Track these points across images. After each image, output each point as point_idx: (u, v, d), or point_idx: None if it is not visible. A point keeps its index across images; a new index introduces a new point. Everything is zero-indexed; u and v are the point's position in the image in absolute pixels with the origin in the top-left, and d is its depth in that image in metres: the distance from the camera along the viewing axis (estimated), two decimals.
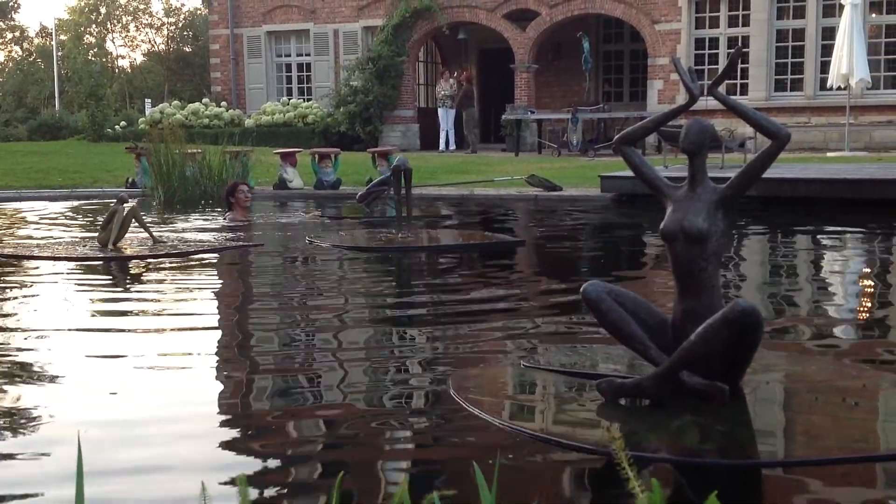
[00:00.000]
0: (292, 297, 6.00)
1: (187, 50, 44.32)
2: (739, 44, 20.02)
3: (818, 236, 8.82)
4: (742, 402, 3.27)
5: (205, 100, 25.14)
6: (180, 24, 46.21)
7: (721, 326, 3.02)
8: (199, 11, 42.14)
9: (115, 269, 7.02)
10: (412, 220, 8.57)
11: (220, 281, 6.77)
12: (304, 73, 25.35)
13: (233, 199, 9.55)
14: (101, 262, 7.11)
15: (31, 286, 6.27)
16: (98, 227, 7.93)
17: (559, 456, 2.89)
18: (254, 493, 2.61)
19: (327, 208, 11.75)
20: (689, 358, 3.10)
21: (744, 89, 20.31)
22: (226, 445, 3.08)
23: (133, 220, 7.62)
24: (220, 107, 24.24)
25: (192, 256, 7.33)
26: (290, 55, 25.53)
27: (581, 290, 3.33)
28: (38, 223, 10.52)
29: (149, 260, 7.18)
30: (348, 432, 3.20)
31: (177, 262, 7.09)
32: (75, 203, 12.97)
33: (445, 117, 22.29)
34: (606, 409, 3.24)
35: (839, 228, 9.08)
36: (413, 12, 22.94)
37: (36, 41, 50.39)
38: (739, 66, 18.86)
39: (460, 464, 2.87)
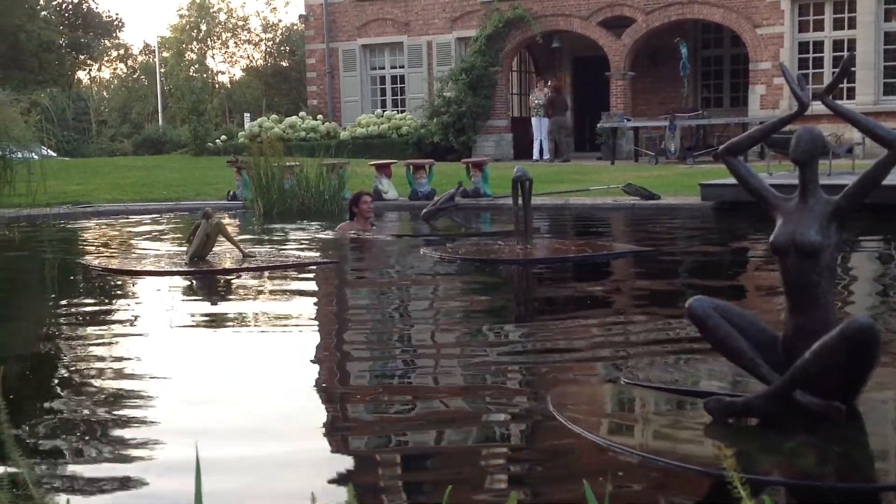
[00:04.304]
0: (390, 309, 6.01)
1: (284, 64, 45.18)
2: (845, 47, 19.48)
3: None
4: (858, 422, 3.13)
5: (301, 113, 25.56)
6: (277, 40, 47.14)
7: (838, 343, 2.89)
8: (295, 27, 42.95)
9: (197, 284, 7.08)
10: (531, 231, 8.42)
11: (314, 294, 6.82)
12: (398, 85, 25.57)
13: (356, 209, 9.59)
14: (184, 277, 7.18)
15: (107, 300, 6.45)
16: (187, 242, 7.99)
17: (666, 476, 2.80)
18: None
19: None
20: (803, 376, 2.98)
21: (850, 93, 19.63)
22: (331, 455, 3.09)
23: (219, 234, 7.61)
24: (316, 120, 24.61)
25: (283, 271, 7.33)
26: (384, 67, 25.79)
27: (686, 305, 3.24)
28: (138, 236, 10.82)
29: (227, 275, 7.21)
30: (449, 446, 3.18)
31: (263, 277, 7.10)
32: (179, 216, 13.31)
33: (539, 126, 22.18)
34: (714, 429, 3.14)
35: None
36: (506, 22, 22.92)
37: (139, 59, 52.09)
38: None
39: (565, 481, 2.81)
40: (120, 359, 4.52)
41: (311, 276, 7.27)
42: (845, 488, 2.67)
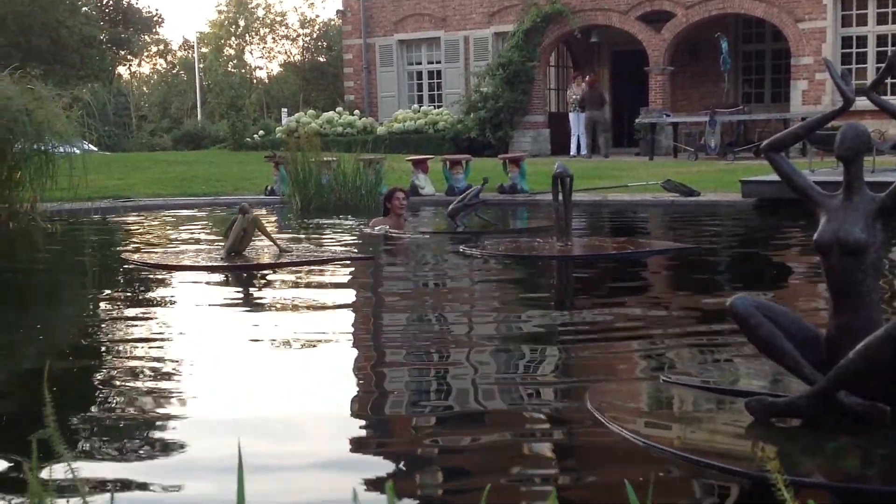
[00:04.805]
0: (426, 306, 6.00)
1: (321, 60, 45.35)
2: (889, 42, 19.17)
3: None
4: None
5: (338, 108, 25.63)
6: (315, 35, 47.33)
7: (883, 343, 2.83)
8: (332, 22, 43.12)
9: (233, 279, 7.07)
10: (571, 228, 8.36)
11: (350, 291, 6.83)
12: (435, 81, 25.58)
13: (389, 204, 9.57)
14: (221, 272, 7.19)
15: (144, 294, 6.51)
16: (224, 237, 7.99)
17: (707, 477, 2.77)
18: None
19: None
20: (848, 376, 2.93)
21: (894, 89, 19.33)
22: (370, 455, 3.09)
23: (256, 229, 7.62)
24: (353, 115, 24.67)
25: (319, 266, 7.33)
26: (420, 63, 25.80)
27: (728, 304, 3.20)
28: (177, 231, 10.92)
29: (264, 270, 7.20)
30: (487, 445, 3.17)
31: (299, 272, 7.10)
32: (217, 211, 13.41)
33: (577, 122, 22.05)
34: (755, 429, 3.10)
35: None
36: (544, 17, 22.80)
37: (179, 54, 52.61)
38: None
39: (605, 482, 2.79)
40: (157, 353, 4.56)
41: (346, 271, 7.28)
42: (890, 491, 2.62)
